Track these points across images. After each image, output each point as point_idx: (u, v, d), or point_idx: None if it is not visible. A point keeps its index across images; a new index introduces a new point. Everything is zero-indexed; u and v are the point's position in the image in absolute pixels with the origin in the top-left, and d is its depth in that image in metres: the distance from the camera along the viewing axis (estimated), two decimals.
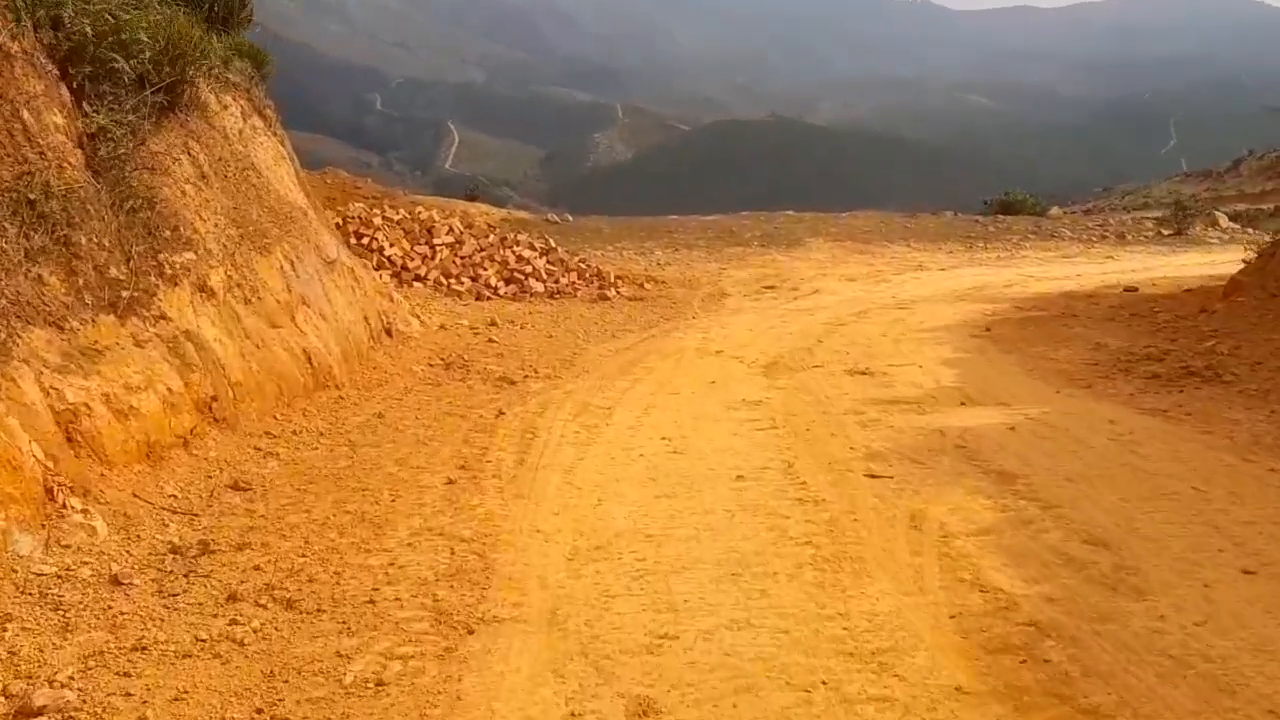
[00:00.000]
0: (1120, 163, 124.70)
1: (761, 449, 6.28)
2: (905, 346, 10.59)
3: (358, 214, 16.79)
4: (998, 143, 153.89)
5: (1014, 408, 7.14)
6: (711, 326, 12.92)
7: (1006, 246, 23.97)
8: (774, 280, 18.61)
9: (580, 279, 17.22)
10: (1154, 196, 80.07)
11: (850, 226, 25.51)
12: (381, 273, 15.69)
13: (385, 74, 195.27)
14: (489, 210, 25.56)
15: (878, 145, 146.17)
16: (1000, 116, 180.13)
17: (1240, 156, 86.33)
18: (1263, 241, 23.38)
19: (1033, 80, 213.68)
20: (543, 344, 10.52)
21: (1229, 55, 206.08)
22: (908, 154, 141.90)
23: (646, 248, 22.20)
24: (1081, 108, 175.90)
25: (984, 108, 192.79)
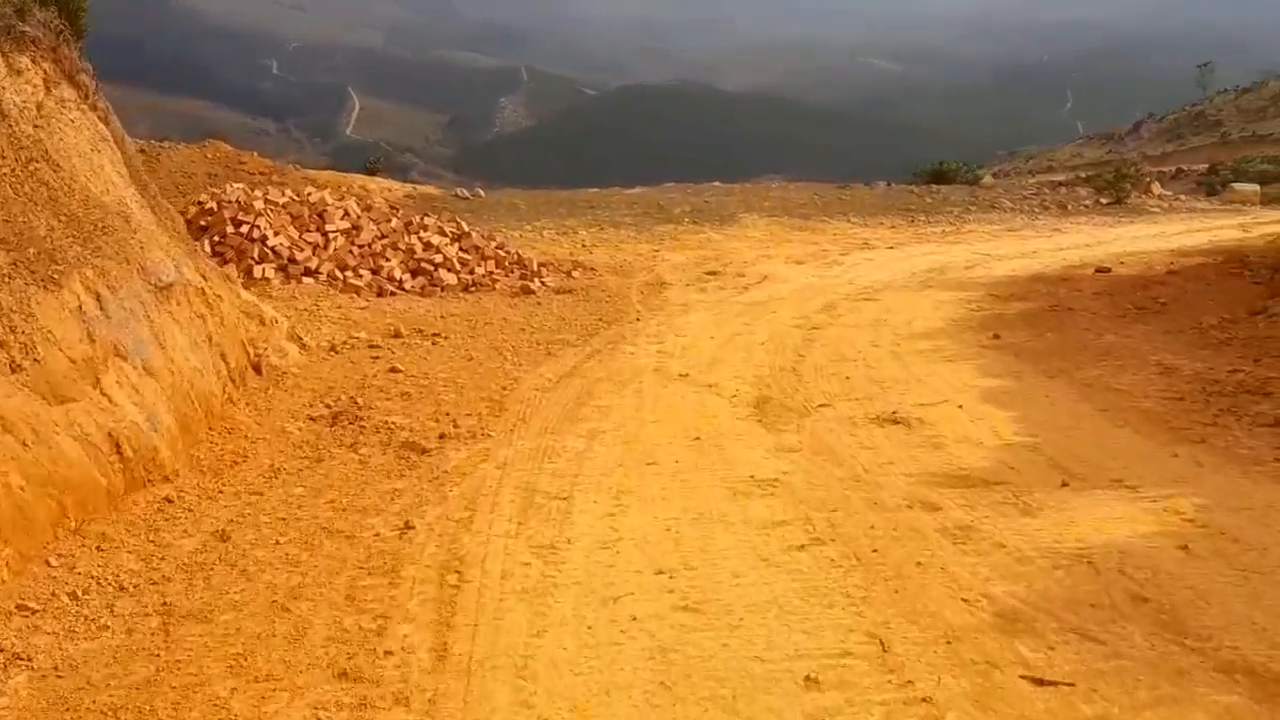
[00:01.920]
0: (1021, 126, 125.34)
1: (823, 604, 3.94)
2: (914, 365, 8.42)
3: (235, 197, 14.04)
4: (902, 107, 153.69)
5: (1144, 491, 4.99)
6: (663, 332, 10.62)
7: (949, 219, 22.16)
8: (715, 264, 16.38)
9: (499, 268, 14.76)
10: (1058, 160, 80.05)
11: (784, 200, 23.38)
12: (264, 266, 13.08)
13: (281, 37, 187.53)
14: (391, 186, 22.84)
15: (785, 111, 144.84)
16: (904, 80, 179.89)
17: (1140, 119, 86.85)
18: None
19: (934, 44, 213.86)
20: (461, 372, 8.08)
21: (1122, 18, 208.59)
22: (815, 119, 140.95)
23: (569, 227, 19.78)
24: (983, 71, 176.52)
25: (887, 72, 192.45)
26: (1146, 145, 79.70)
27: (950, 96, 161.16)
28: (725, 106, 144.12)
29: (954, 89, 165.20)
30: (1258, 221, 23.40)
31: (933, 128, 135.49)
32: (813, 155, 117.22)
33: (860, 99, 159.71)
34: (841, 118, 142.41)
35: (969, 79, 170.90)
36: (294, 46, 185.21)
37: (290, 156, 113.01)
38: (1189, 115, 79.94)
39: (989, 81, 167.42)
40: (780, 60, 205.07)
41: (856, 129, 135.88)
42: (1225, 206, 28.68)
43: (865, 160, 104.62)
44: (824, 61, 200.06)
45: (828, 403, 7.13)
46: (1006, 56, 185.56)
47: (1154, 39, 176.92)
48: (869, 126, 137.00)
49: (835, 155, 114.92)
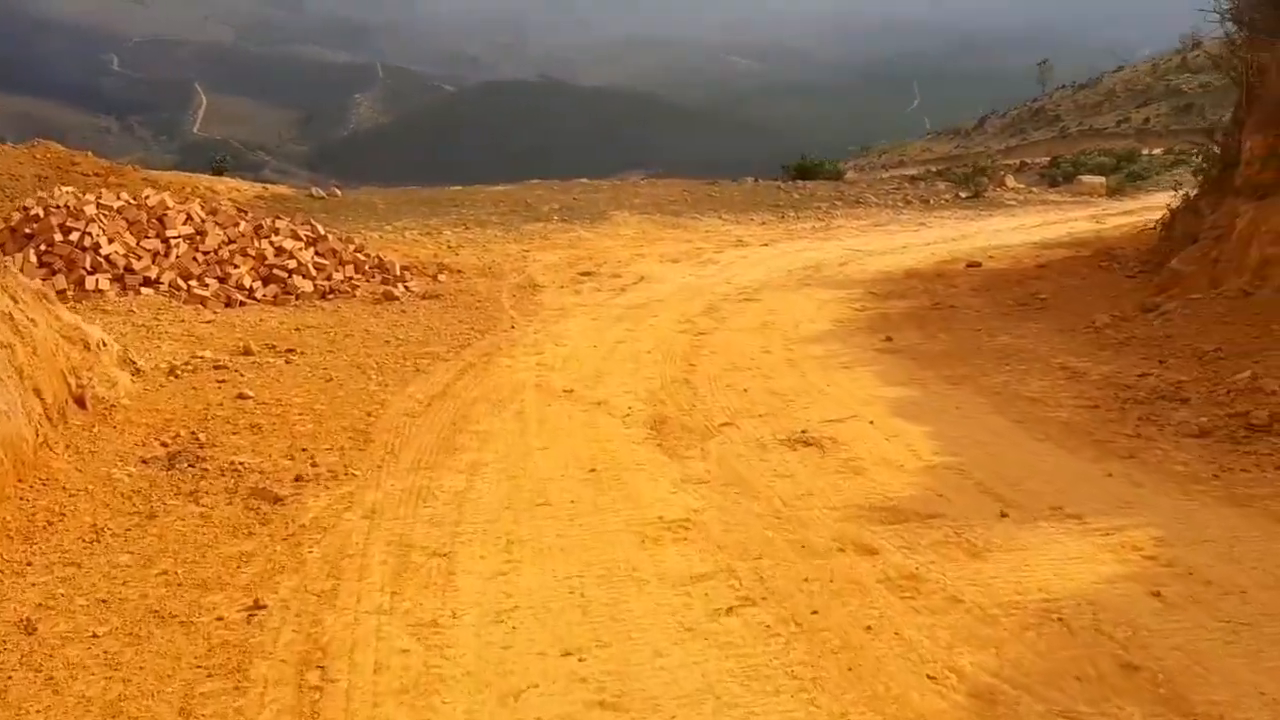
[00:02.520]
0: (873, 122, 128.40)
1: (767, 689, 3.19)
2: (812, 373, 7.87)
3: (64, 202, 12.69)
4: (760, 103, 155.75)
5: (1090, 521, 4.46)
6: (541, 341, 9.87)
7: (817, 215, 22.00)
8: (588, 264, 15.71)
9: (359, 272, 13.77)
10: (909, 155, 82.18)
11: (654, 196, 22.86)
12: (98, 277, 11.83)
13: (122, 32, 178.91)
14: (240, 187, 21.45)
15: (647, 108, 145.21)
16: (761, 78, 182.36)
17: (985, 115, 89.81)
18: (1103, 214, 22.43)
19: (790, 42, 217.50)
20: (320, 396, 7.17)
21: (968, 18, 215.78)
22: (676, 116, 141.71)
23: (432, 226, 18.83)
24: (838, 69, 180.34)
25: (746, 69, 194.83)
26: (991, 140, 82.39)
27: (807, 94, 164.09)
28: (586, 103, 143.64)
29: (809, 86, 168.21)
30: (1107, 213, 23.98)
31: (790, 124, 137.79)
32: (675, 152, 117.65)
33: (720, 96, 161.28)
34: (702, 114, 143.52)
35: (825, 77, 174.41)
36: (136, 41, 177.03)
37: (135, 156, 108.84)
38: (1030, 111, 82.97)
39: (843, 79, 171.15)
40: (640, 57, 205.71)
41: (717, 126, 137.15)
42: (1075, 198, 29.41)
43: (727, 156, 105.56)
44: (684, 59, 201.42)
45: (730, 421, 6.49)
46: (860, 55, 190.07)
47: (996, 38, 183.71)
48: (729, 123, 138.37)
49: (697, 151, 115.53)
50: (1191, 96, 69.70)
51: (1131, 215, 22.88)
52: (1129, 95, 76.43)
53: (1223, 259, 8.56)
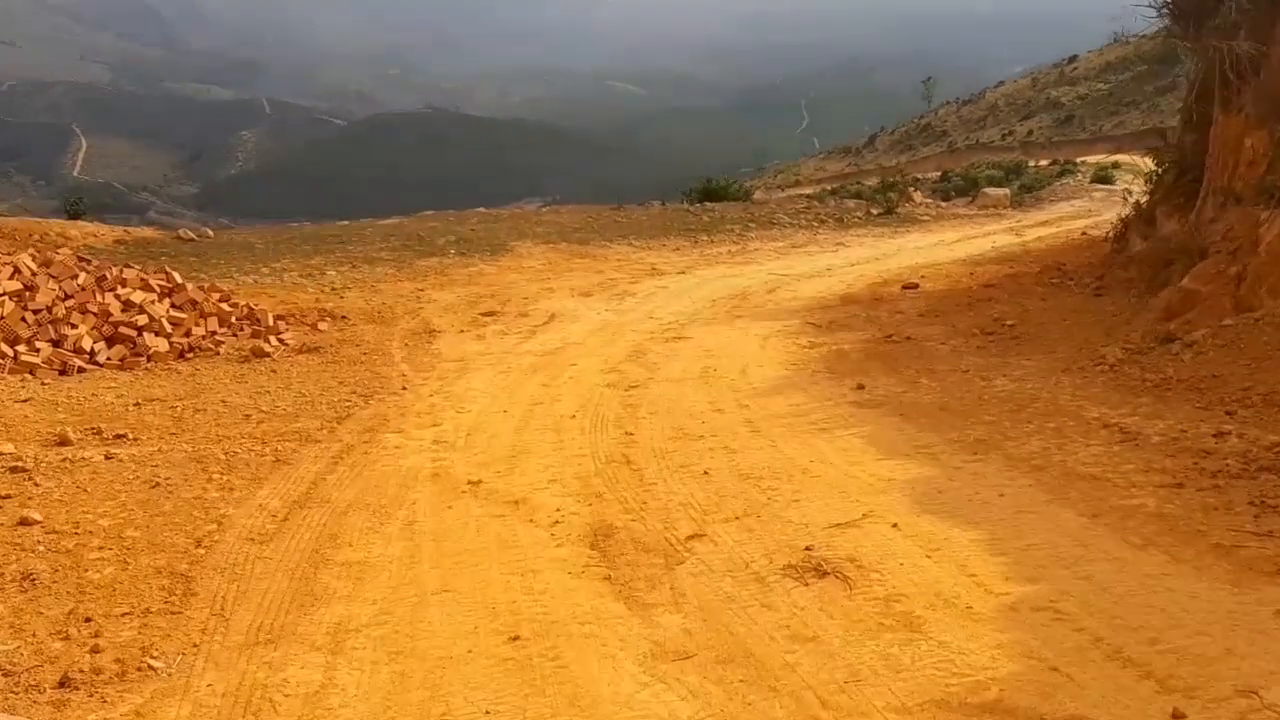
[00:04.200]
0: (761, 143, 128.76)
1: None
2: (784, 442, 6.13)
3: None
4: (647, 129, 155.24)
5: None
6: (439, 406, 7.96)
7: (732, 238, 20.48)
8: (491, 302, 13.82)
9: (224, 325, 11.67)
10: (804, 174, 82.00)
11: (557, 224, 21.07)
12: None
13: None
14: (98, 231, 18.96)
15: (536, 135, 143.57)
16: (647, 103, 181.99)
17: (874, 133, 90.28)
18: (1070, 227, 21.26)
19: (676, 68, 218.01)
20: (137, 513, 5.15)
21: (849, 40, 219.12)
22: (565, 143, 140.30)
23: (314, 266, 16.69)
24: (722, 93, 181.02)
25: (631, 95, 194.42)
26: (882, 156, 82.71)
27: (692, 117, 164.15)
28: (475, 133, 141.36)
29: (695, 111, 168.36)
30: (1022, 225, 23.12)
31: (677, 148, 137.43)
32: (567, 179, 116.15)
33: (607, 121, 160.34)
34: (590, 140, 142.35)
35: (710, 100, 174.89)
36: (8, 85, 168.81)
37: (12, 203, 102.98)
38: (918, 127, 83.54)
39: (729, 102, 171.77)
40: (526, 85, 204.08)
41: (605, 151, 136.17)
42: (982, 211, 28.67)
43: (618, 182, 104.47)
44: (569, 85, 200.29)
45: (700, 530, 4.68)
46: (743, 78, 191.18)
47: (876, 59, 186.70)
48: (617, 148, 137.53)
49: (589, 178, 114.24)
50: (1071, 108, 70.72)
51: (1049, 226, 21.89)
52: (1011, 109, 77.39)
53: (1249, 276, 7.09)
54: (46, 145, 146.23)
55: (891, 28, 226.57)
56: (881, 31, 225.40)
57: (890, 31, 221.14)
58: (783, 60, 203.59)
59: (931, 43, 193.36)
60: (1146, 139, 66.44)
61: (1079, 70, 75.98)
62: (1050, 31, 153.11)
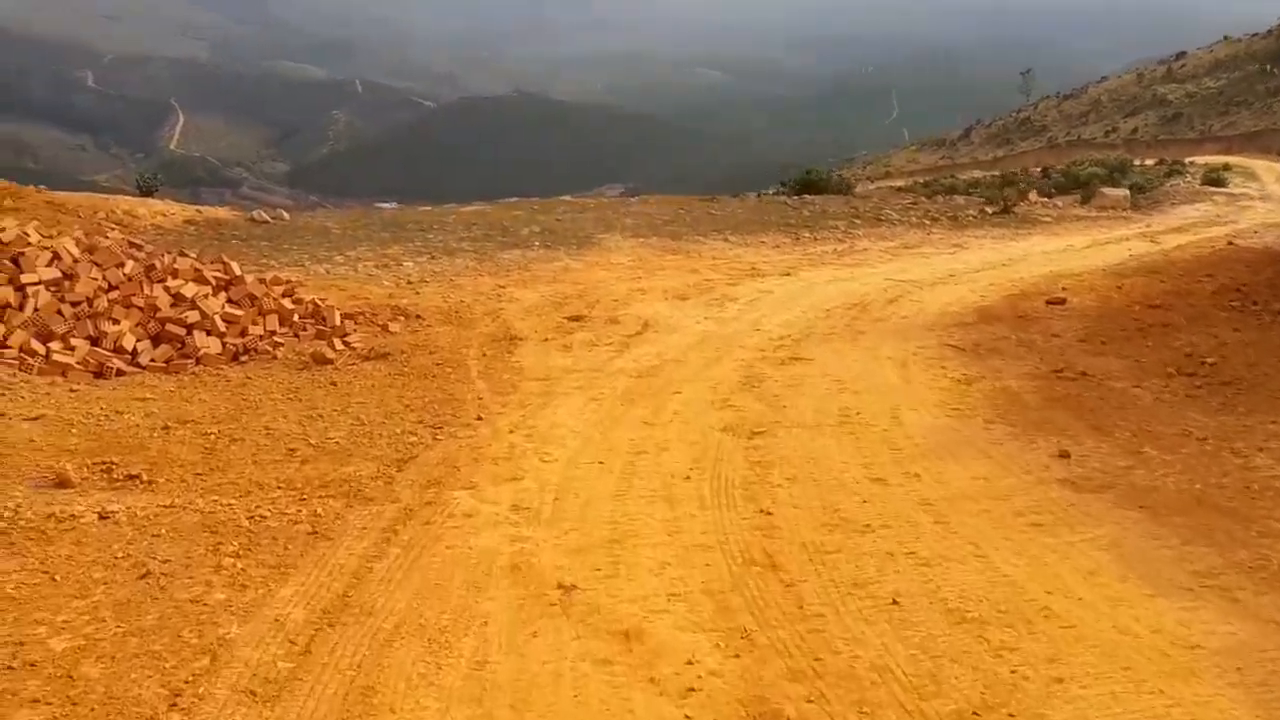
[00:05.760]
0: (847, 133, 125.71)
1: None
2: (989, 545, 4.45)
3: None
4: (732, 116, 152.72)
5: None
6: (520, 449, 6.45)
7: (837, 235, 18.68)
8: (578, 304, 12.27)
9: (285, 324, 10.32)
10: (894, 166, 79.25)
11: (646, 216, 19.44)
12: None
13: (96, 49, 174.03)
14: (168, 210, 17.83)
15: (620, 121, 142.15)
16: (732, 90, 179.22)
17: (970, 125, 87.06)
18: None
19: (763, 55, 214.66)
20: (106, 629, 3.69)
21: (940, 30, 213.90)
22: (648, 129, 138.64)
23: (391, 256, 15.35)
24: (810, 81, 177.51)
25: (717, 82, 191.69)
26: (977, 150, 79.68)
27: (777, 105, 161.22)
28: (560, 118, 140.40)
29: (780, 99, 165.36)
30: (1154, 230, 21.00)
31: (762, 135, 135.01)
32: (649, 165, 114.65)
33: (691, 108, 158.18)
34: (674, 127, 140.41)
35: (796, 89, 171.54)
36: (110, 59, 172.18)
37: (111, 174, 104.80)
38: (1015, 121, 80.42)
39: (816, 92, 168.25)
40: (611, 70, 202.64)
41: (689, 138, 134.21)
42: (1102, 213, 26.55)
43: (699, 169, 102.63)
44: (655, 71, 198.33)
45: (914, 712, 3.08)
46: (831, 67, 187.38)
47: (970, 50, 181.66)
48: (701, 136, 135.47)
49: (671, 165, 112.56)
50: (1178, 106, 67.19)
51: (1185, 234, 19.66)
52: (1114, 105, 73.90)
53: None
54: (145, 119, 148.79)
55: (987, 19, 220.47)
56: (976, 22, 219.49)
57: (985, 22, 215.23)
58: (872, 49, 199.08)
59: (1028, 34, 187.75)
60: (1261, 139, 62.66)
61: (1187, 68, 72.28)
62: (1153, 30, 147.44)
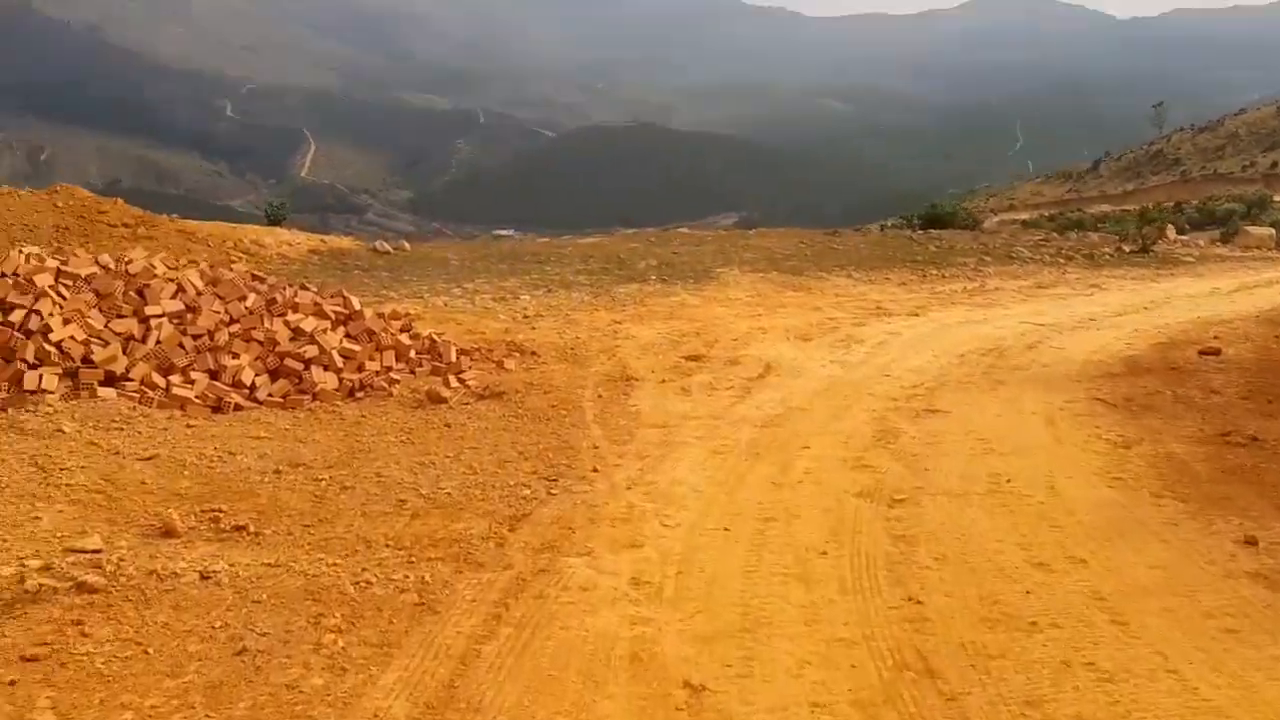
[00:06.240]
0: (970, 164, 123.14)
1: None
2: (1179, 656, 3.82)
3: (14, 269, 9.25)
4: (852, 146, 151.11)
5: None
6: (638, 509, 6.03)
7: (966, 273, 17.93)
8: (696, 342, 11.84)
9: (401, 359, 10.13)
10: (1019, 198, 76.99)
11: (766, 250, 18.97)
12: (42, 372, 8.34)
13: (235, 79, 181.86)
14: (293, 239, 18.09)
15: (738, 151, 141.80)
16: (855, 120, 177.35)
17: (1098, 158, 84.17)
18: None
19: (885, 85, 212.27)
20: (216, 696, 3.45)
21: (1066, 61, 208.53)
22: (766, 159, 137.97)
23: (509, 289, 15.22)
24: (932, 112, 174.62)
25: (838, 112, 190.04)
26: (1106, 184, 77.07)
27: (898, 135, 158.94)
28: (678, 147, 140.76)
29: (903, 129, 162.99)
30: None
31: (882, 165, 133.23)
32: (768, 195, 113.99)
33: (811, 138, 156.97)
34: (793, 157, 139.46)
35: (918, 120, 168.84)
36: (248, 88, 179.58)
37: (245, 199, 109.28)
38: (1147, 154, 77.53)
39: (938, 122, 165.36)
40: (731, 101, 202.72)
41: (808, 167, 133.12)
42: (1246, 252, 25.13)
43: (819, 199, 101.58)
44: (775, 103, 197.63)
45: None
46: (955, 98, 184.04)
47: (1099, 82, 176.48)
48: (820, 165, 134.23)
49: (790, 194, 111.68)
50: None
51: None
52: (1253, 139, 70.56)
53: None
54: (279, 147, 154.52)
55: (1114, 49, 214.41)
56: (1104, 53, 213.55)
57: (1112, 53, 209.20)
58: (995, 79, 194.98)
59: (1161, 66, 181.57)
60: None
61: None
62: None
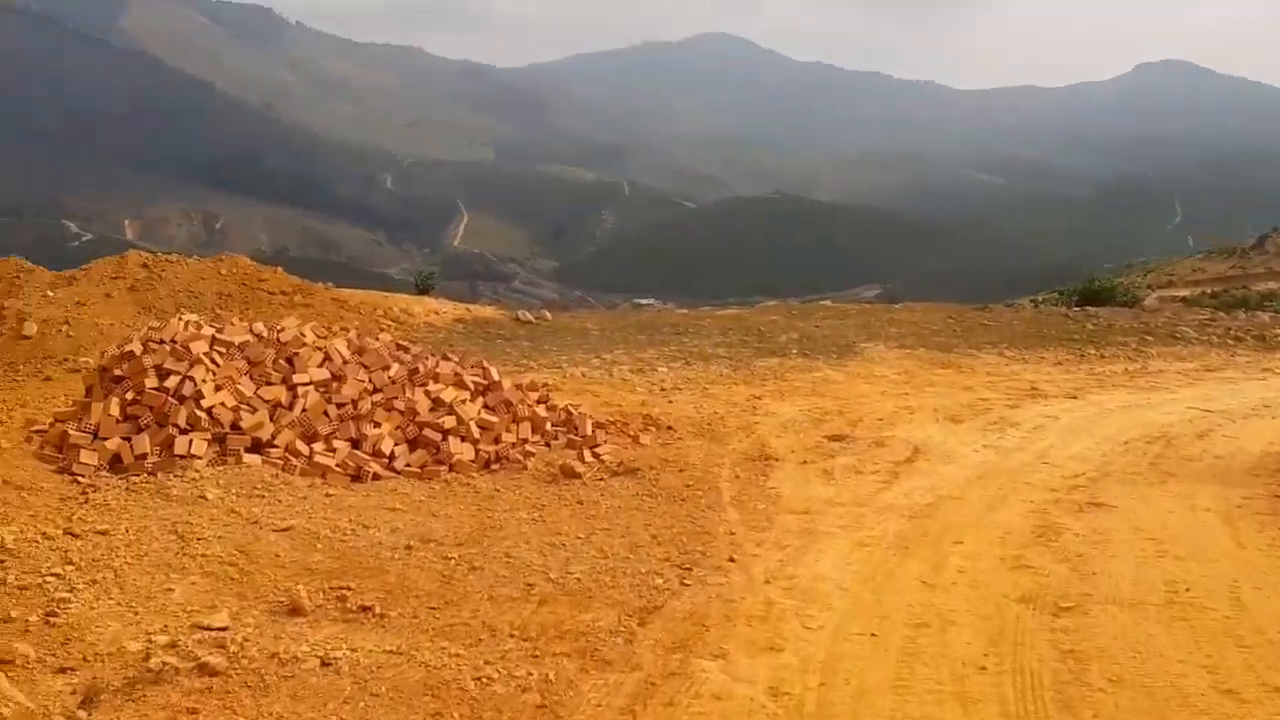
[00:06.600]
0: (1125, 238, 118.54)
1: None
2: None
3: (171, 336, 9.55)
4: (1003, 219, 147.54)
5: None
6: (776, 609, 5.66)
7: (1127, 353, 16.89)
8: (839, 420, 11.39)
9: (537, 431, 10.02)
10: (1178, 274, 73.43)
11: (913, 325, 18.30)
12: (193, 437, 8.52)
13: (395, 154, 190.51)
14: (440, 308, 18.41)
15: (881, 222, 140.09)
16: (1002, 193, 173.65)
17: (1265, 233, 79.74)
18: None
19: (1036, 157, 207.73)
20: None
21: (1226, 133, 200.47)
22: (911, 230, 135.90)
23: (646, 360, 15.04)
24: (1085, 184, 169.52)
25: (988, 184, 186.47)
26: (1273, 260, 72.88)
27: (1049, 208, 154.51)
28: (820, 218, 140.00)
29: (1055, 201, 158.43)
30: None
31: (1033, 240, 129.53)
32: (911, 267, 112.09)
33: (958, 210, 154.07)
34: (939, 229, 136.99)
35: (1070, 192, 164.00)
36: (408, 162, 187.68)
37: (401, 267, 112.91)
38: None
39: (1091, 195, 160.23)
40: (877, 173, 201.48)
41: (954, 240, 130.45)
42: None
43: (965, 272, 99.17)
44: (921, 173, 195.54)
45: None
46: (1109, 170, 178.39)
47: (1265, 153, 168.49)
48: (967, 238, 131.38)
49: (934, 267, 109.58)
50: None
51: None
52: None
53: None
54: (434, 217, 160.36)
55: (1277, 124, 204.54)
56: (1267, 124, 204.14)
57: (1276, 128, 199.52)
58: (1152, 152, 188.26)
59: None
60: None
61: None
62: None
